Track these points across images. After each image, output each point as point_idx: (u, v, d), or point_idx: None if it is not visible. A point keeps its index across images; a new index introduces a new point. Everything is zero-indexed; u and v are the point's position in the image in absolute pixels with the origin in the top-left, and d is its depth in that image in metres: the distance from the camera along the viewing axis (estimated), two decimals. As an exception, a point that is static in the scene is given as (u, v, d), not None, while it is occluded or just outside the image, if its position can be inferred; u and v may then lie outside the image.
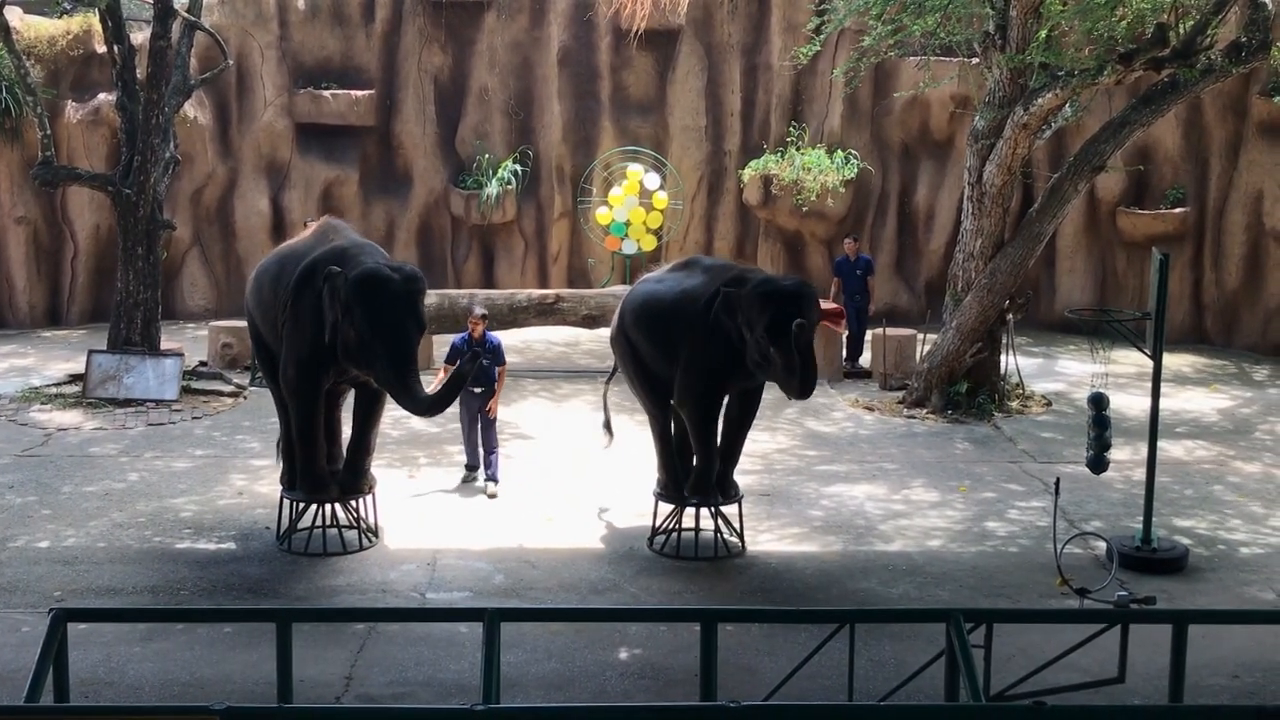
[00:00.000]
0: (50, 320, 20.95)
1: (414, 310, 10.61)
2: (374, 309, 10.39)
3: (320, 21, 21.91)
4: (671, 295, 11.38)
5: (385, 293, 10.44)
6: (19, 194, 20.46)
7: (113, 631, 9.51)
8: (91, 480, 13.09)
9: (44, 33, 20.53)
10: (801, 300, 10.56)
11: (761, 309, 10.48)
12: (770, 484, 13.30)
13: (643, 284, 12.04)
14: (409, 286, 10.60)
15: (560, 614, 9.79)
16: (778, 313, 10.39)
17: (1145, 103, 15.31)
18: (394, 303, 10.43)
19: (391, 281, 10.51)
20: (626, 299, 12.01)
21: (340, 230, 11.73)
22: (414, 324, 10.59)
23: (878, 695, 8.33)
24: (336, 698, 8.72)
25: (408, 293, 10.55)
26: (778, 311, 10.39)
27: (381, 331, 10.40)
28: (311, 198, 21.65)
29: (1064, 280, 21.20)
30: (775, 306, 10.42)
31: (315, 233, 11.86)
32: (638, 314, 11.60)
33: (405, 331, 10.48)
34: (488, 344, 12.79)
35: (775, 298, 10.48)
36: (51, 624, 6.94)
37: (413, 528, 11.91)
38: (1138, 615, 8.32)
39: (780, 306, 10.41)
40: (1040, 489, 13.12)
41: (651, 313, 11.49)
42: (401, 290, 10.50)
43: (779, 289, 10.62)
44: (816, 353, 17.38)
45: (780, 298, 10.48)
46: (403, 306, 10.48)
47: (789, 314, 10.33)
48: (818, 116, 21.73)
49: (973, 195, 15.89)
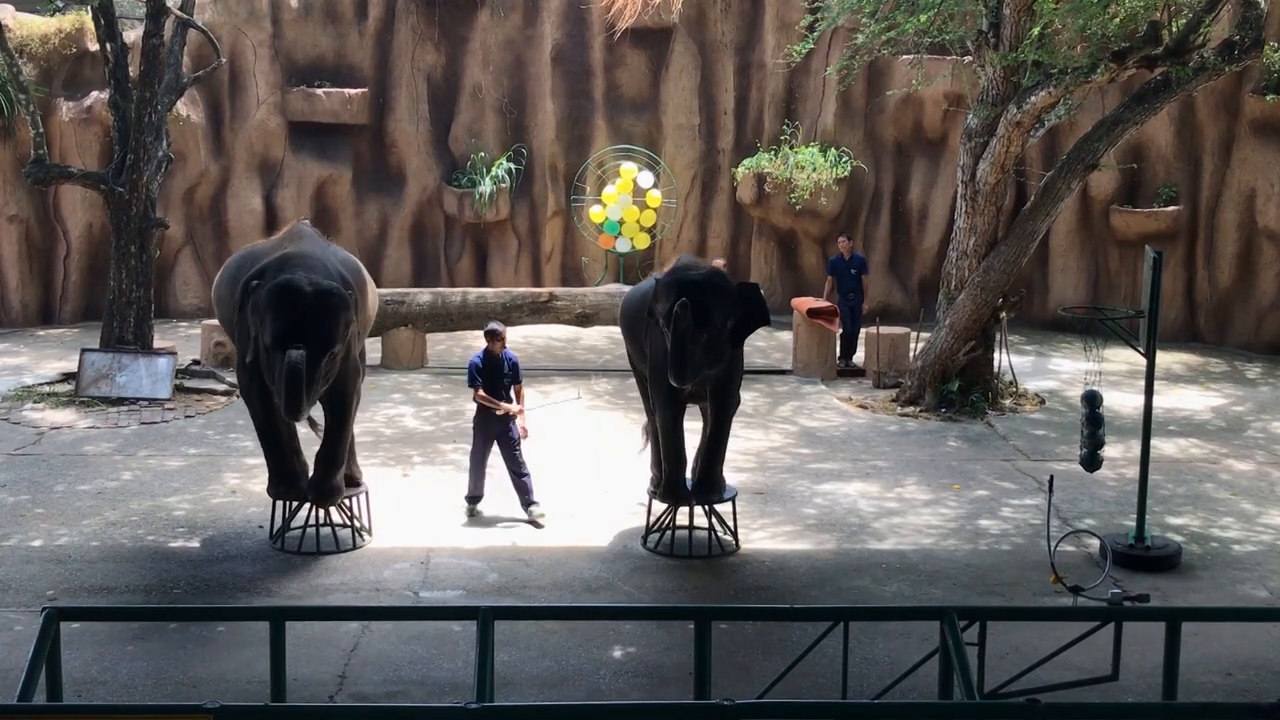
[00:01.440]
0: (43, 319, 20.90)
1: (319, 325, 10.29)
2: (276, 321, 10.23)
3: (313, 19, 21.88)
4: (636, 295, 11.80)
5: (291, 305, 10.23)
6: (11, 192, 20.41)
7: (106, 630, 9.50)
8: (85, 479, 13.07)
9: (36, 30, 20.48)
10: (697, 289, 10.60)
11: (665, 299, 10.69)
12: (764, 482, 13.30)
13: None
14: (318, 301, 10.33)
15: (554, 612, 9.78)
16: (673, 301, 10.56)
17: (1138, 101, 15.32)
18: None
19: (301, 294, 10.30)
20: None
21: (301, 236, 11.57)
22: (317, 340, 10.26)
23: (872, 693, 8.34)
24: (330, 696, 8.72)
25: (316, 307, 10.31)
26: (674, 300, 10.56)
27: (277, 345, 10.23)
28: (304, 196, 21.62)
29: (1057, 278, 21.21)
30: (674, 295, 10.58)
31: (280, 236, 11.82)
32: (620, 314, 12.06)
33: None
34: (506, 362, 12.31)
35: (674, 287, 10.67)
36: (44, 623, 6.93)
37: (406, 526, 11.90)
38: (1131, 613, 8.33)
39: (677, 295, 10.56)
40: (1033, 487, 13.13)
41: (624, 313, 12.11)
42: (311, 304, 10.27)
43: (680, 279, 10.76)
44: (809, 350, 17.75)
45: (678, 287, 10.63)
46: (309, 321, 10.21)
47: (681, 301, 10.48)
48: (811, 115, 21.73)
49: (966, 193, 15.90)
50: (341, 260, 11.55)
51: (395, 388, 16.90)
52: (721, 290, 10.80)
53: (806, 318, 17.81)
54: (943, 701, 7.40)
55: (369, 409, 15.75)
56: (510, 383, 12.27)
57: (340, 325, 10.47)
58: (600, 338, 19.40)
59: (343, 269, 11.26)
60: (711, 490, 11.38)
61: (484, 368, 12.17)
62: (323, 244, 11.70)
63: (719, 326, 10.68)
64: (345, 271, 11.25)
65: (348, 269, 11.43)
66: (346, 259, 11.80)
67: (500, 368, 12.19)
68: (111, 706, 7.67)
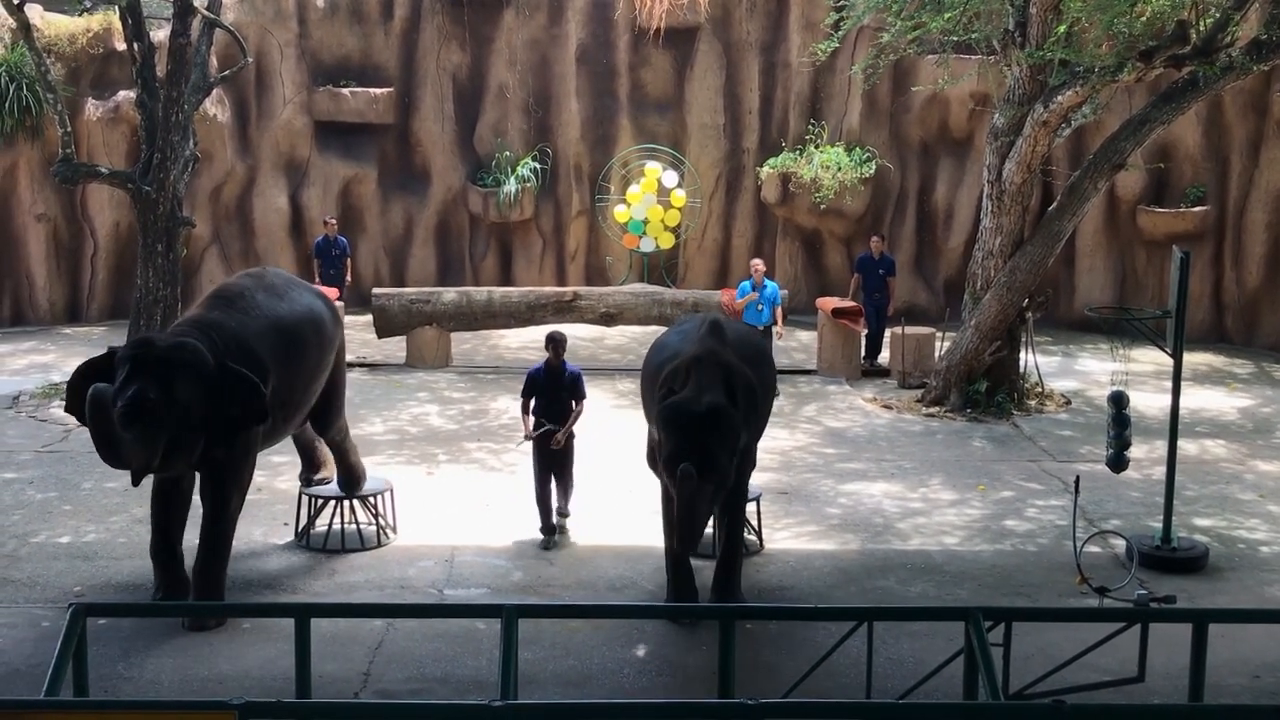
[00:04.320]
0: (70, 317, 21.02)
1: (158, 380, 9.13)
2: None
3: (339, 19, 21.94)
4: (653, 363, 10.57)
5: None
6: (39, 191, 20.53)
7: (132, 626, 9.55)
8: (112, 476, 13.08)
9: (64, 30, 20.60)
10: (697, 442, 9.21)
11: (665, 442, 9.41)
12: (788, 482, 13.29)
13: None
14: (156, 354, 9.27)
15: (578, 610, 9.78)
16: (674, 447, 9.30)
17: (1165, 100, 15.24)
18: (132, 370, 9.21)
19: (146, 345, 9.43)
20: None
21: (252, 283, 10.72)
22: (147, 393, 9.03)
23: (896, 693, 8.32)
24: (355, 693, 8.75)
25: (154, 359, 9.23)
26: (674, 445, 9.30)
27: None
28: (330, 195, 21.70)
29: (1083, 279, 21.13)
30: (672, 442, 9.31)
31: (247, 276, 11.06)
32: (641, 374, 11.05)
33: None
34: (565, 376, 11.56)
35: (673, 433, 9.32)
36: (71, 618, 6.98)
37: (431, 525, 11.92)
38: (1157, 614, 8.29)
39: (675, 446, 9.26)
40: (1059, 488, 13.08)
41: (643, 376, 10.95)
42: (146, 358, 9.25)
43: (679, 423, 9.33)
44: (834, 350, 17.71)
45: (678, 435, 9.27)
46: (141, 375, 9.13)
47: (682, 452, 9.16)
48: (836, 114, 21.68)
49: (992, 193, 15.84)
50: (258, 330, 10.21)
51: (420, 386, 16.94)
52: (725, 423, 9.38)
53: (831, 318, 17.78)
54: (968, 702, 7.38)
55: (394, 407, 15.82)
56: (569, 398, 11.54)
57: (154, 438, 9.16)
58: (624, 337, 19.40)
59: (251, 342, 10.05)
60: (729, 599, 10.03)
61: (542, 382, 11.51)
62: (262, 302, 10.46)
63: (726, 470, 9.43)
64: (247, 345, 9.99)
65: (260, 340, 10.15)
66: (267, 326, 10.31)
67: (560, 381, 11.52)
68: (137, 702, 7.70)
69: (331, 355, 11.20)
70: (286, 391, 10.35)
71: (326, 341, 11.03)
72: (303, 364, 10.58)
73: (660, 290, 19.35)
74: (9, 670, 8.95)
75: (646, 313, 18.41)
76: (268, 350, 10.10)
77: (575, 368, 11.80)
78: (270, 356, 10.08)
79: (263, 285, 10.77)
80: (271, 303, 10.54)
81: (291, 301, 10.76)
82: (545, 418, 11.51)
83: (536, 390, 11.57)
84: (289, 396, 10.45)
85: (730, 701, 6.98)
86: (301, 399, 10.78)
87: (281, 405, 10.30)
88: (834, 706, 7.08)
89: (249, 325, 10.13)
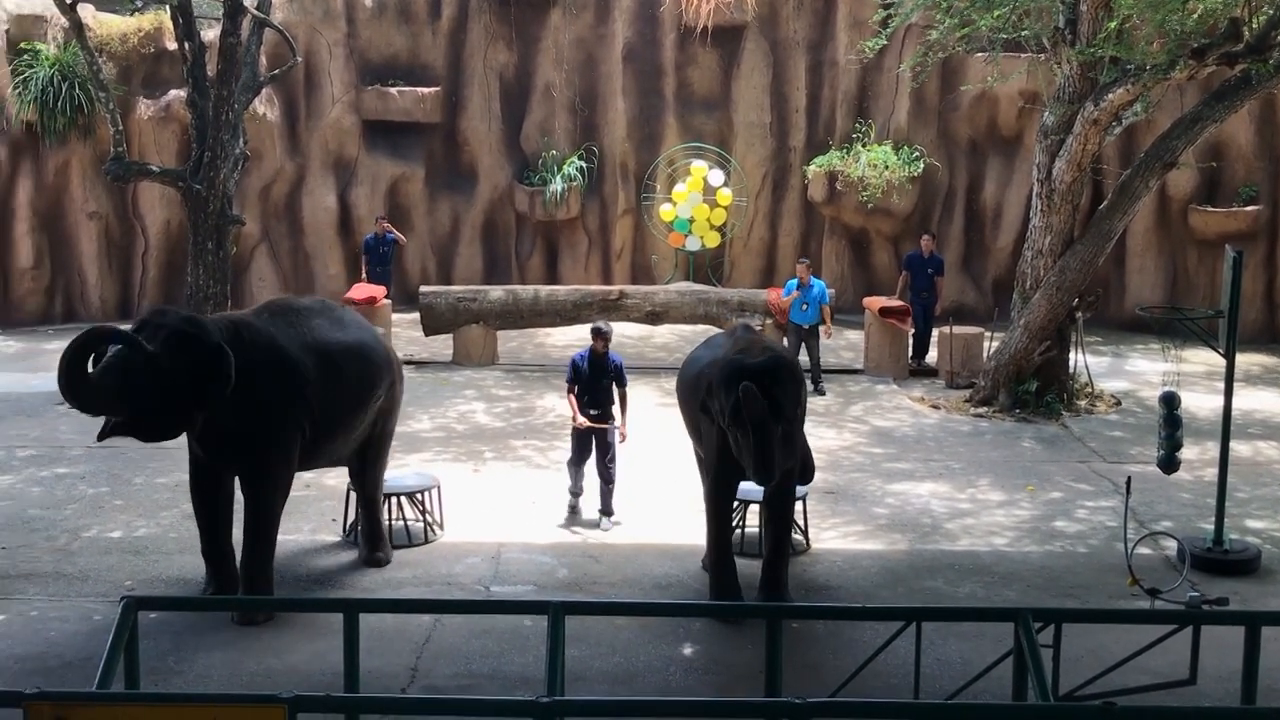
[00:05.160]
0: (121, 314, 21.19)
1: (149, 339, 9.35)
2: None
3: (387, 19, 22.05)
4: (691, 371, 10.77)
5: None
6: (91, 189, 20.75)
7: (182, 621, 9.63)
8: (163, 472, 13.24)
9: (116, 30, 20.80)
10: (762, 375, 9.41)
11: (725, 389, 9.54)
12: (835, 481, 13.24)
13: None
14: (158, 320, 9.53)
15: (625, 608, 9.79)
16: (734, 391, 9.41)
17: (1218, 98, 15.09)
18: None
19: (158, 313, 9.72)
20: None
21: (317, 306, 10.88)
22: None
23: (944, 694, 8.27)
24: (402, 689, 8.78)
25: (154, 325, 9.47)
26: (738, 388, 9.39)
27: None
28: (378, 194, 21.81)
29: (1134, 278, 20.95)
30: (735, 384, 9.44)
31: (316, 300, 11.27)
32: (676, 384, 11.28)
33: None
34: (610, 364, 12.00)
35: (734, 376, 9.49)
36: (122, 612, 7.04)
37: (477, 521, 11.96)
38: (1209, 616, 8.22)
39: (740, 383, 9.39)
40: (1109, 489, 12.97)
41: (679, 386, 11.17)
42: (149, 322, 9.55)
43: (735, 366, 9.59)
44: (881, 350, 17.64)
45: (737, 377, 9.44)
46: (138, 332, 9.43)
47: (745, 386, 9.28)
48: (884, 112, 21.59)
49: (1042, 192, 15.72)
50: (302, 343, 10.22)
51: (467, 384, 17.00)
52: (785, 370, 9.72)
53: (879, 317, 17.71)
54: (1017, 704, 7.33)
55: (441, 405, 15.88)
56: (611, 384, 11.98)
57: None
58: (670, 335, 19.40)
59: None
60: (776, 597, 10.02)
61: (586, 368, 11.96)
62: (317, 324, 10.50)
63: (792, 415, 9.57)
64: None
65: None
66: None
67: (604, 369, 11.96)
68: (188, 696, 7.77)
69: (377, 396, 10.78)
70: (326, 408, 10.21)
71: (373, 378, 10.70)
72: (343, 389, 10.36)
73: (706, 289, 19.33)
74: (61, 663, 9.05)
75: (692, 311, 18.39)
76: (311, 363, 10.07)
77: (617, 356, 12.14)
78: (311, 369, 10.05)
79: (325, 310, 10.82)
80: (326, 326, 10.50)
81: (347, 332, 10.65)
82: (588, 403, 11.92)
83: (580, 376, 11.98)
84: (330, 414, 10.27)
85: (778, 700, 6.95)
86: (340, 427, 10.49)
87: (316, 424, 10.17)
88: (882, 706, 7.04)
89: (291, 336, 10.11)
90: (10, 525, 11.75)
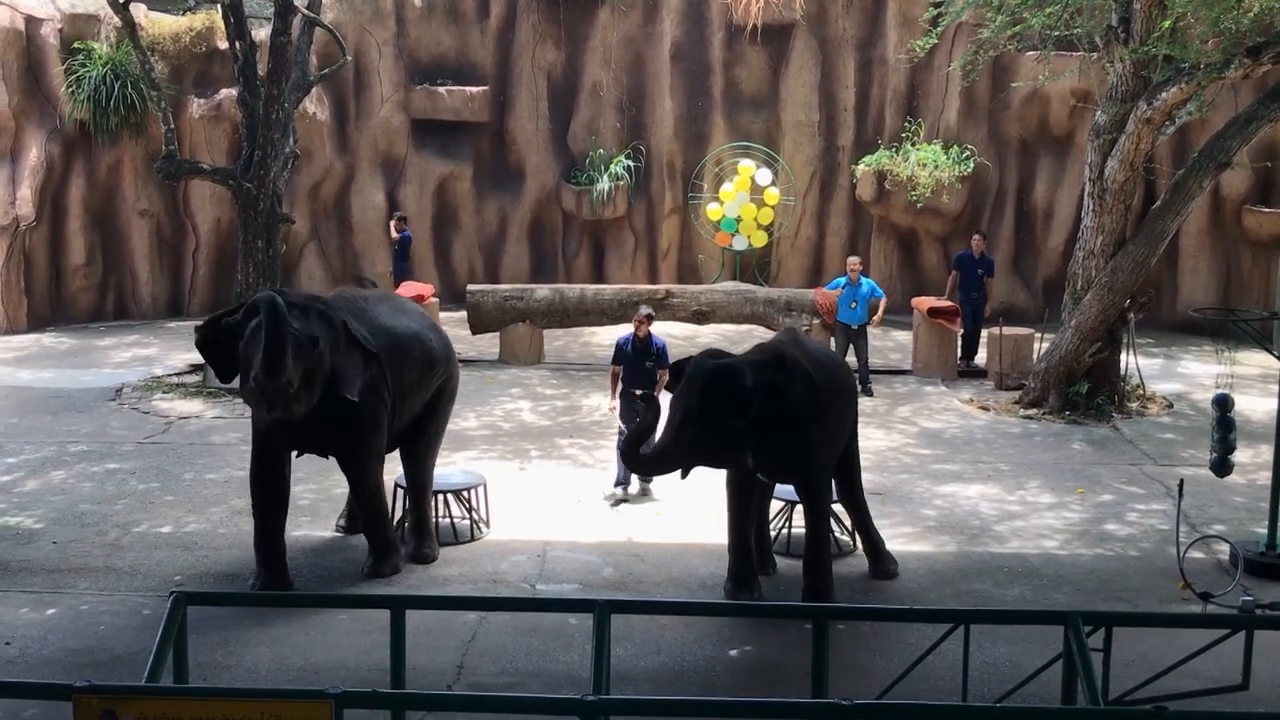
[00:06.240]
0: (172, 311, 21.40)
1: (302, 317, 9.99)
2: None
3: (436, 18, 22.14)
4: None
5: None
6: (143, 187, 20.93)
7: (231, 616, 9.68)
8: (212, 467, 13.34)
9: (168, 29, 20.97)
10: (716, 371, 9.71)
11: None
12: (883, 483, 13.16)
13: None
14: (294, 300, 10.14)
15: (671, 607, 9.77)
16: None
17: (1273, 98, 14.90)
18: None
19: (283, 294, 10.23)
20: None
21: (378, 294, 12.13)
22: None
23: (992, 697, 8.20)
24: (448, 685, 8.79)
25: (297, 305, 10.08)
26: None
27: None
28: (426, 193, 21.89)
29: (1187, 279, 20.74)
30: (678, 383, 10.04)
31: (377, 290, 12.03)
32: None
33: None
34: (653, 346, 12.54)
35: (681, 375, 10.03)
36: (172, 607, 7.09)
37: (523, 520, 11.97)
38: (1263, 621, 8.11)
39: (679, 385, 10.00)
40: (1161, 492, 12.83)
41: None
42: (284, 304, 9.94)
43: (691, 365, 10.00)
44: (930, 350, 17.51)
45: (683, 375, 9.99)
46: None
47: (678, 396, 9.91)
48: (933, 111, 21.46)
49: (1094, 191, 15.58)
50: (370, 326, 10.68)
51: (513, 382, 17.02)
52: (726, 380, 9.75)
53: (927, 317, 17.60)
54: (1067, 708, 7.25)
55: (487, 403, 15.91)
56: (654, 366, 12.43)
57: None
58: (716, 335, 19.33)
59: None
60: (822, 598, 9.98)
61: (630, 350, 12.48)
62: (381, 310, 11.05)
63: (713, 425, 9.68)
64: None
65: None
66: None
67: (647, 351, 12.47)
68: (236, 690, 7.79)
69: (433, 381, 11.18)
70: (396, 386, 10.70)
71: (431, 362, 11.11)
72: (404, 369, 10.81)
73: (753, 288, 19.28)
74: (111, 657, 9.12)
75: (739, 311, 18.35)
76: (384, 340, 10.57)
77: (661, 340, 12.72)
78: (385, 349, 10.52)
79: (386, 299, 11.56)
80: (388, 311, 11.08)
81: (409, 318, 11.26)
82: (631, 384, 12.36)
83: (624, 358, 12.51)
84: (399, 392, 10.75)
85: (825, 702, 6.91)
86: (405, 406, 10.90)
87: (394, 401, 10.72)
88: (929, 709, 6.99)
89: (361, 318, 10.59)
90: (62, 520, 11.86)
